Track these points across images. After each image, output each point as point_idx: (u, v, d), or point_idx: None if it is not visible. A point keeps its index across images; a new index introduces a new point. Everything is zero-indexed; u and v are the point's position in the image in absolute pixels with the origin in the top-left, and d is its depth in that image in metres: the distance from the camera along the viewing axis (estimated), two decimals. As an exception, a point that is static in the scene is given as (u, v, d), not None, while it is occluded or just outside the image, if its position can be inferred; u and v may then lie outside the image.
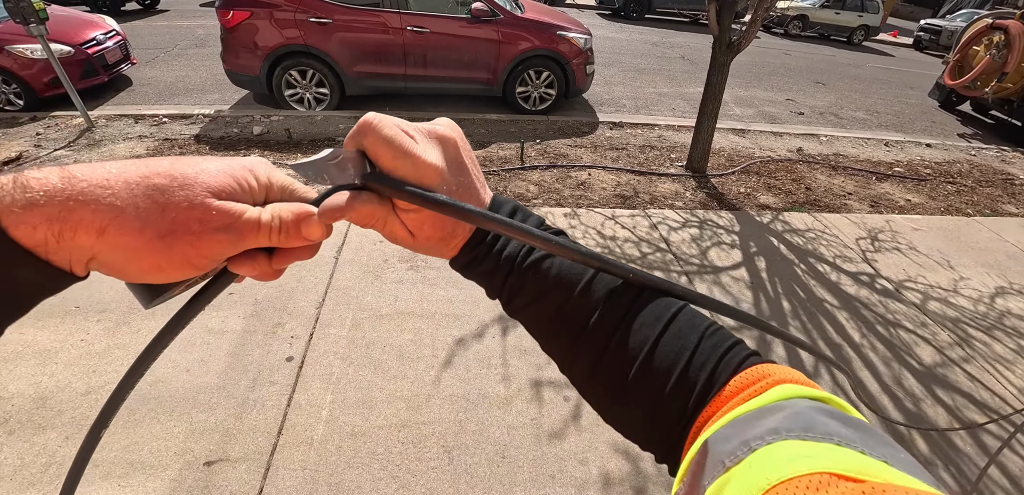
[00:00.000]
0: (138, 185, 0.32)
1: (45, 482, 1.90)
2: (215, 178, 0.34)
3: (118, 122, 5.49)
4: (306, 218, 0.38)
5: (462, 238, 0.46)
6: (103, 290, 2.90)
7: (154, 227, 0.32)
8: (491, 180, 4.49)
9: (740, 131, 6.48)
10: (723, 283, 3.28)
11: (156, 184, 0.32)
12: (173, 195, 0.33)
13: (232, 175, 0.35)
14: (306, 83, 5.87)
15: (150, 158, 0.35)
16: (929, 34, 17.76)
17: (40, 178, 0.30)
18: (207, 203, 0.33)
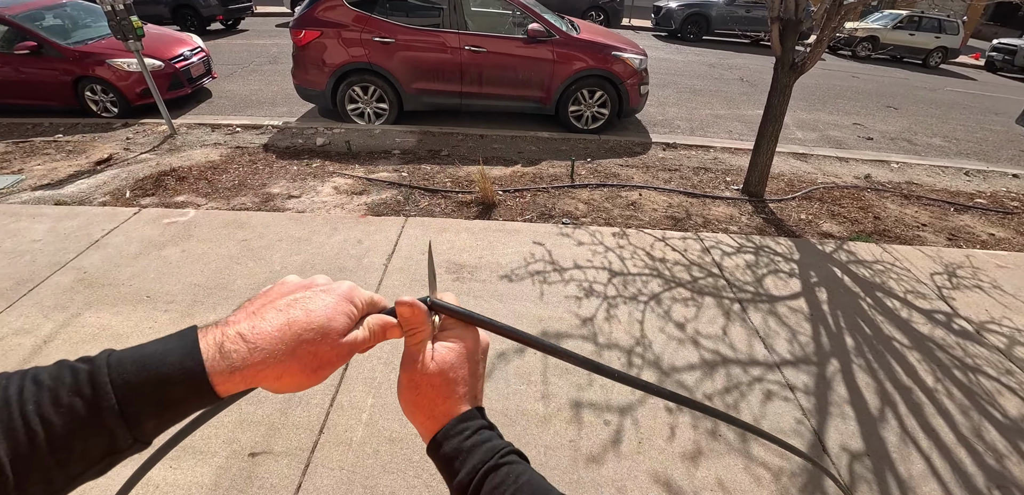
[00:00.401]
0: (293, 338, 0.43)
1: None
2: (340, 325, 0.46)
3: (197, 130, 5.87)
4: (390, 327, 0.52)
5: (453, 411, 0.52)
6: (172, 284, 3.07)
7: (311, 366, 0.45)
8: (541, 197, 4.45)
9: (802, 155, 6.14)
10: (779, 313, 3.07)
11: (307, 339, 0.44)
12: (320, 346, 0.45)
13: (347, 316, 0.48)
14: (367, 98, 6.08)
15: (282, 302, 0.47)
16: (1003, 55, 16.30)
17: (235, 349, 0.41)
18: (341, 346, 0.46)
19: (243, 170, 4.85)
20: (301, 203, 4.19)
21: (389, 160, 5.20)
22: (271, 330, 0.43)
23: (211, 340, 0.42)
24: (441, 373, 0.51)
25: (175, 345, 0.41)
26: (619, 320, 2.90)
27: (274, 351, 0.42)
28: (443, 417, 0.52)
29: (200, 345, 0.41)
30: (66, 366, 0.39)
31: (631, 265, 3.43)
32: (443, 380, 0.51)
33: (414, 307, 0.51)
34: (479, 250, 3.49)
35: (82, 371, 0.38)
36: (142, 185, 4.49)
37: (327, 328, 0.45)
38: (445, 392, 0.52)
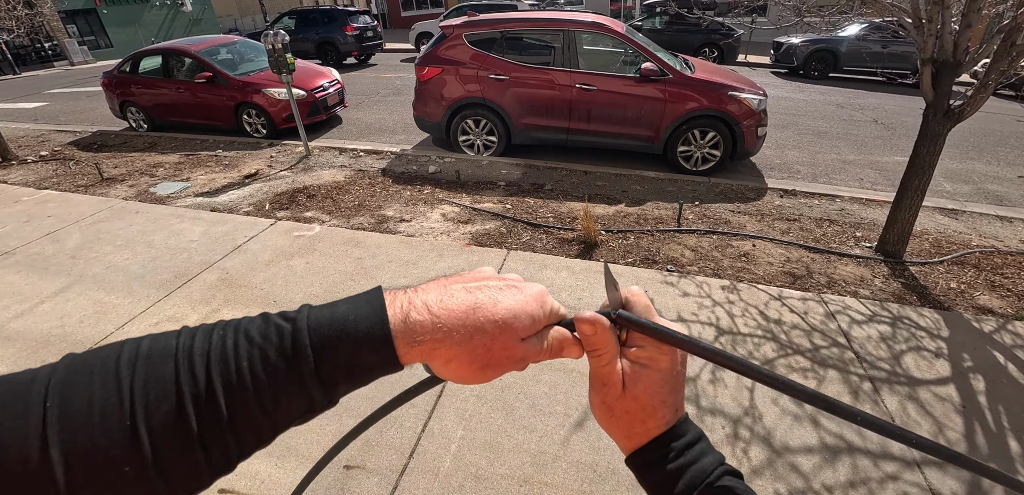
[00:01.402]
0: (474, 324, 0.41)
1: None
2: (523, 326, 0.43)
3: (327, 152, 6.45)
4: (568, 344, 0.47)
5: (653, 432, 0.47)
6: (295, 291, 3.33)
7: (480, 361, 0.42)
8: (645, 240, 4.27)
9: (952, 212, 5.29)
10: (922, 399, 2.61)
11: (486, 330, 0.41)
12: (495, 341, 0.42)
13: (532, 319, 0.44)
14: (478, 131, 6.30)
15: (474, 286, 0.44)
16: None
17: (420, 320, 0.40)
18: (515, 349, 0.43)
19: (363, 192, 5.21)
20: (412, 227, 4.40)
21: (495, 191, 5.31)
22: (456, 308, 0.41)
23: (398, 307, 0.41)
24: (635, 399, 0.46)
25: (364, 310, 0.41)
26: (725, 384, 2.64)
27: (454, 330, 0.41)
28: (641, 437, 0.47)
29: (388, 312, 0.40)
30: (272, 324, 0.40)
31: (741, 323, 3.13)
32: (638, 406, 0.46)
33: (597, 324, 0.46)
34: (579, 290, 3.39)
35: (287, 332, 0.39)
36: (279, 199, 5.00)
37: (508, 325, 0.42)
38: (641, 417, 0.46)
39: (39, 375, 0.35)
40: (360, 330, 0.39)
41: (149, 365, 0.36)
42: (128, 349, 0.37)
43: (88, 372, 0.35)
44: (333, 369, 0.39)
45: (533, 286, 0.47)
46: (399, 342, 0.39)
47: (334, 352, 0.39)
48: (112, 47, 22.26)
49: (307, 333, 0.39)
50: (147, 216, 4.62)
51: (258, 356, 0.38)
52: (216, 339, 0.38)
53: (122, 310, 3.23)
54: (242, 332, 0.39)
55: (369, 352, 0.39)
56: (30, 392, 0.33)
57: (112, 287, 3.48)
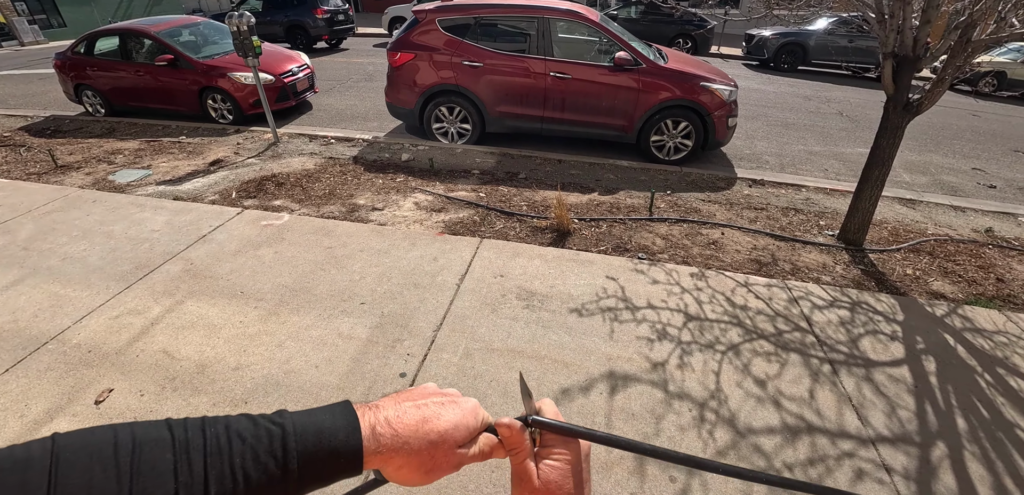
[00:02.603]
0: (422, 436, 0.49)
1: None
2: (461, 436, 0.51)
3: (297, 139, 6.32)
4: (496, 447, 0.54)
5: None
6: (263, 282, 3.28)
7: (426, 467, 0.49)
8: (617, 228, 4.33)
9: (910, 201, 5.52)
10: (877, 381, 2.74)
11: (432, 440, 0.49)
12: (439, 448, 0.49)
13: (468, 430, 0.52)
14: (452, 119, 6.26)
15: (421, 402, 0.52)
16: None
17: (383, 433, 0.47)
18: (457, 455, 0.50)
19: (334, 180, 5.13)
20: (383, 216, 4.36)
21: (468, 179, 5.29)
22: (409, 422, 0.49)
23: (367, 422, 0.48)
24: (548, 490, 0.52)
25: (341, 421, 0.47)
26: (693, 369, 2.72)
27: (407, 441, 0.48)
28: None
29: (361, 425, 0.47)
30: (262, 427, 0.45)
31: (709, 310, 3.22)
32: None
33: (511, 427, 0.53)
34: (551, 279, 3.43)
35: (276, 436, 0.44)
36: (247, 188, 4.88)
37: (449, 436, 0.50)
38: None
39: (33, 455, 0.37)
40: (337, 441, 0.46)
41: (146, 453, 0.39)
42: (123, 436, 0.40)
43: (87, 456, 0.38)
44: (312, 474, 0.45)
45: (468, 401, 0.54)
46: (366, 453, 0.47)
47: (315, 460, 0.45)
48: (65, 27, 21.16)
49: (294, 439, 0.45)
50: (105, 205, 4.46)
51: (250, 456, 0.43)
52: (210, 435, 0.43)
53: (80, 303, 3.12)
54: (234, 431, 0.44)
55: (343, 462, 0.46)
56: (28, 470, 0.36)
57: (69, 279, 3.36)
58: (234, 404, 2.37)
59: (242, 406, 2.36)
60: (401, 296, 3.19)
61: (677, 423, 2.38)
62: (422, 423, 0.49)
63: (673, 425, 2.37)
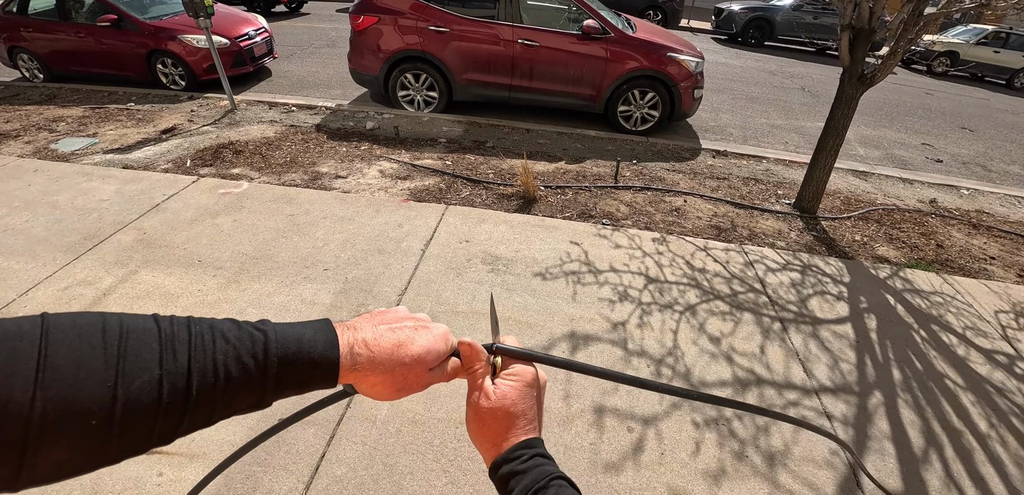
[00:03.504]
0: (394, 355, 0.52)
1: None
2: (432, 359, 0.55)
3: (255, 107, 6.14)
4: (458, 368, 0.59)
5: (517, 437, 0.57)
6: (222, 251, 3.24)
7: (398, 386, 0.53)
8: (582, 196, 4.42)
9: (862, 173, 5.81)
10: (822, 337, 2.94)
11: (406, 362, 0.53)
12: (410, 371, 0.53)
13: (438, 354, 0.56)
14: (418, 86, 6.19)
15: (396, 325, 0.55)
16: None
17: (360, 353, 0.51)
18: (427, 376, 0.55)
19: (295, 148, 5.04)
20: (347, 183, 4.32)
21: (435, 148, 5.28)
22: (386, 346, 0.52)
23: (346, 341, 0.51)
24: (502, 406, 0.56)
25: (321, 336, 0.50)
26: (652, 328, 2.85)
27: (382, 362, 0.52)
28: (505, 445, 0.56)
29: (339, 343, 0.51)
30: (245, 330, 0.47)
31: (669, 272, 3.36)
32: (504, 413, 0.56)
33: (472, 346, 0.58)
34: (516, 244, 3.50)
35: (259, 339, 0.47)
36: (202, 156, 4.75)
37: (422, 359, 0.54)
38: (507, 423, 0.56)
39: (23, 329, 0.38)
40: (316, 354, 0.49)
41: (133, 340, 0.41)
42: (111, 321, 0.42)
43: (76, 335, 0.39)
44: (289, 380, 0.48)
45: (439, 327, 0.58)
46: (342, 369, 0.50)
47: (293, 367, 0.48)
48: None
49: (275, 345, 0.47)
50: (48, 175, 4.26)
51: (232, 355, 0.45)
52: (195, 332, 0.45)
53: (24, 275, 3.01)
54: (218, 331, 0.46)
55: (319, 374, 0.49)
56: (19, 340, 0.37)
57: (10, 252, 3.23)
58: (194, 369, 2.37)
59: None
60: (365, 262, 3.20)
61: (635, 378, 2.51)
62: (397, 347, 0.53)
63: (631, 380, 2.50)
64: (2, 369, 0.35)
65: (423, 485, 1.95)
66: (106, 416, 0.38)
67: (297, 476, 1.94)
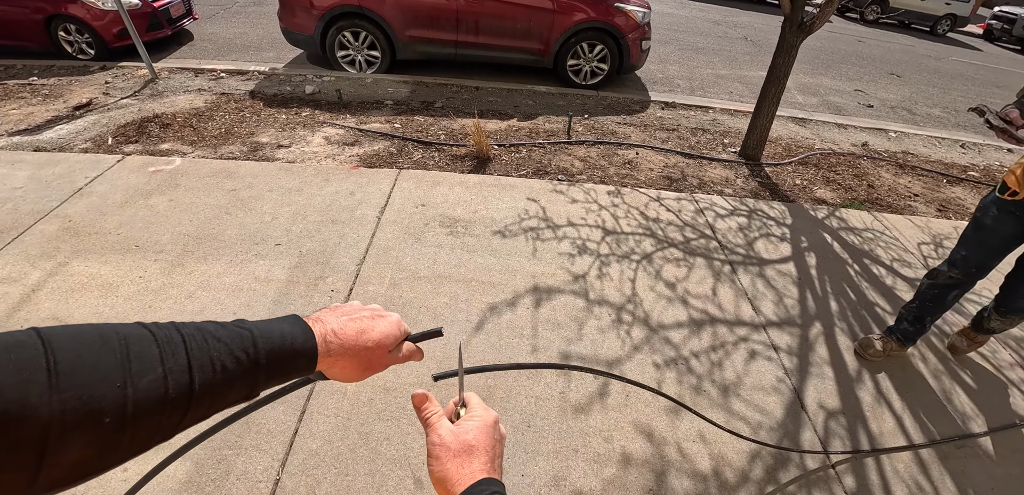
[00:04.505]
0: (359, 341, 0.62)
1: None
2: (389, 343, 0.66)
3: (179, 75, 5.78)
4: (414, 353, 0.71)
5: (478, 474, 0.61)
6: (161, 233, 3.11)
7: (363, 368, 0.64)
8: (536, 152, 4.50)
9: (801, 120, 6.19)
10: (768, 276, 3.19)
11: (369, 347, 0.63)
12: (374, 354, 0.64)
13: (394, 338, 0.67)
14: (358, 45, 5.99)
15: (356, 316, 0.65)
16: (1002, 23, 16.25)
17: (332, 342, 0.60)
18: (387, 357, 0.66)
19: (230, 118, 4.82)
20: (291, 153, 4.20)
21: (382, 110, 5.18)
22: (351, 334, 0.62)
23: (319, 331, 0.59)
24: (462, 442, 0.59)
25: (298, 328, 0.58)
26: (611, 278, 3.00)
27: (349, 349, 0.61)
28: (465, 482, 0.56)
29: (315, 333, 0.59)
30: (232, 329, 0.53)
31: (625, 224, 3.52)
32: (465, 447, 0.59)
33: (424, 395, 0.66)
34: (473, 204, 3.55)
35: (246, 336, 0.53)
36: (124, 132, 4.46)
37: (382, 344, 0.65)
38: (467, 458, 0.58)
39: (20, 338, 0.40)
40: (298, 344, 0.57)
41: (133, 344, 0.45)
42: (106, 330, 0.45)
43: (77, 341, 0.42)
44: (277, 369, 0.55)
45: (392, 314, 0.69)
46: (320, 357, 0.59)
47: (280, 357, 0.55)
48: None
49: (261, 339, 0.54)
50: (-57, 156, 3.90)
51: (225, 350, 0.50)
52: (186, 334, 0.49)
53: (-69, 267, 2.79)
54: (207, 332, 0.51)
55: (303, 361, 0.57)
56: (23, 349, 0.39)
57: (-89, 242, 2.97)
58: (144, 355, 2.31)
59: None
60: (319, 233, 3.17)
61: (598, 327, 2.66)
62: (360, 334, 0.62)
63: (594, 329, 2.64)
64: (14, 375, 0.37)
65: (400, 449, 2.02)
66: (119, 413, 0.41)
67: (271, 455, 1.97)
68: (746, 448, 2.15)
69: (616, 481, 1.99)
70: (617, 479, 2.00)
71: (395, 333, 0.66)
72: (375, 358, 0.64)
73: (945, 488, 2.11)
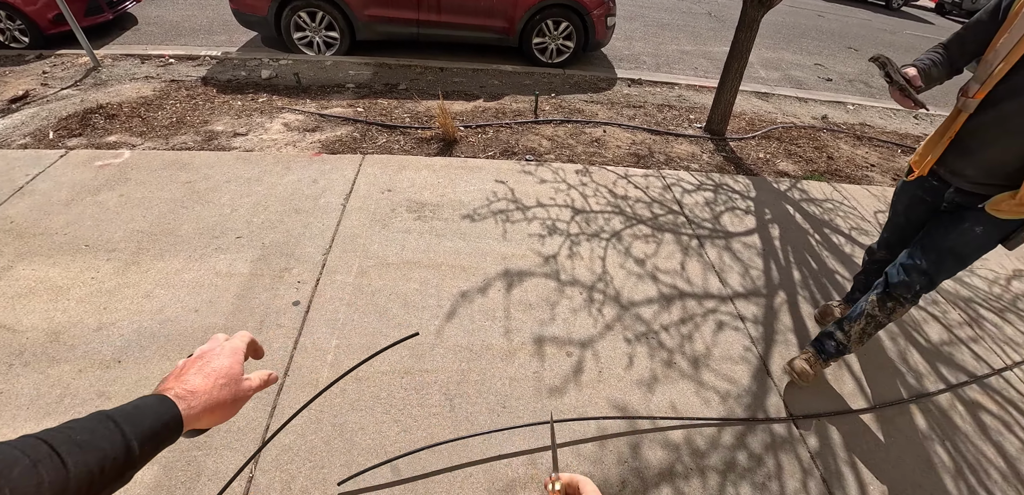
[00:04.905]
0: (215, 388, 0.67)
1: (60, 412, 2.01)
2: (238, 371, 0.71)
3: (124, 62, 5.51)
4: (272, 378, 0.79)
5: None
6: (113, 230, 2.99)
7: (229, 404, 0.69)
8: (503, 133, 4.49)
9: (764, 94, 6.34)
10: (734, 249, 3.28)
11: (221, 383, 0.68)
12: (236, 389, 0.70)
13: (240, 363, 0.73)
14: (316, 26, 5.82)
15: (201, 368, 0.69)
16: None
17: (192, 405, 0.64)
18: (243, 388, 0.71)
19: (181, 106, 4.63)
20: (249, 141, 4.08)
21: (343, 94, 5.07)
22: (203, 386, 0.66)
23: (181, 401, 0.63)
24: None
25: (163, 407, 0.62)
26: (582, 257, 3.04)
27: (209, 399, 0.66)
28: None
29: (177, 404, 0.63)
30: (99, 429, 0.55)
31: (594, 202, 3.56)
32: None
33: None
34: (441, 188, 3.53)
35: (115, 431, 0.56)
36: (67, 124, 4.24)
37: (231, 374, 0.70)
38: None
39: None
40: (165, 419, 0.61)
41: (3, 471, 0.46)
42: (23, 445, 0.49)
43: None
44: (149, 448, 0.58)
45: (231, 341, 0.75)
46: (186, 422, 0.63)
47: (151, 438, 0.59)
48: None
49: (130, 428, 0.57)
50: None
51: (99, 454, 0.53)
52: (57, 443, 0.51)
53: None
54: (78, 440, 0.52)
55: (170, 432, 0.61)
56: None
57: None
58: (104, 366, 2.22)
59: (115, 367, 2.22)
60: (282, 224, 3.10)
61: (570, 307, 2.70)
62: (208, 377, 0.67)
63: (567, 309, 2.68)
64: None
65: (376, 438, 2.02)
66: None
67: (243, 453, 1.94)
68: (716, 415, 2.24)
69: (591, 456, 2.04)
70: (593, 454, 2.05)
71: (238, 360, 0.72)
72: (237, 393, 0.69)
73: (903, 444, 2.24)
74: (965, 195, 1.94)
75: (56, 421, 2.00)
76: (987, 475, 2.17)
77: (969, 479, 2.14)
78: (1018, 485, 2.14)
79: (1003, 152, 1.75)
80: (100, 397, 2.08)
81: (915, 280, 2.01)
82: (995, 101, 1.72)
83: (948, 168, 1.97)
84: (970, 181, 1.90)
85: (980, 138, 1.81)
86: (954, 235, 1.96)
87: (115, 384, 2.13)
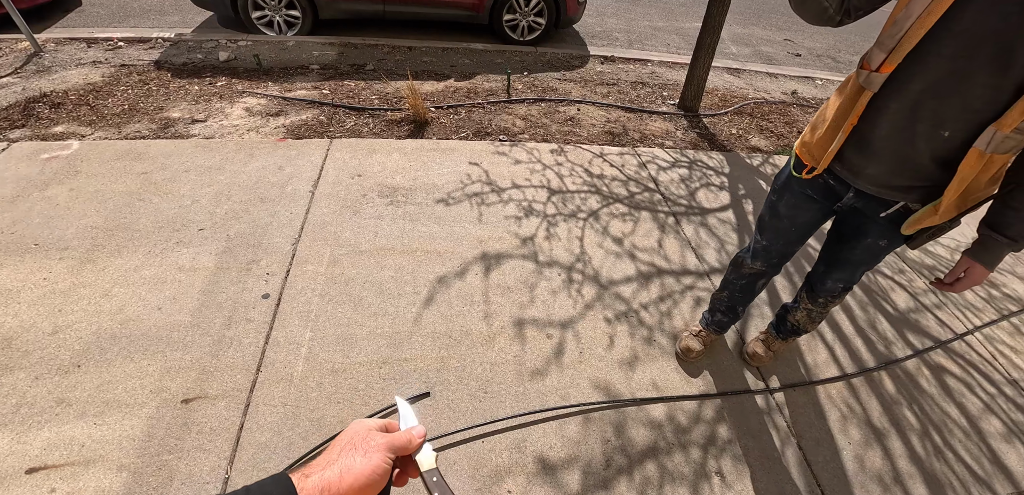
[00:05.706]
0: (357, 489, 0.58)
1: (16, 423, 1.93)
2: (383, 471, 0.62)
3: (68, 46, 5.24)
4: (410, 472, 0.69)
5: None
6: (64, 228, 2.86)
7: None
8: (476, 113, 4.44)
9: (735, 70, 6.43)
10: (710, 225, 3.34)
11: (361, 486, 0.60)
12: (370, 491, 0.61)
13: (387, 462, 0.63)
14: (276, 4, 5.64)
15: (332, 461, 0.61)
16: None
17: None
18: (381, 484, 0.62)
19: (133, 92, 4.43)
20: (208, 128, 3.93)
21: (307, 76, 4.93)
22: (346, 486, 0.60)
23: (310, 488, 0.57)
24: None
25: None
26: (559, 238, 3.05)
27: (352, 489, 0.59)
28: None
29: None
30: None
31: (569, 182, 3.56)
32: None
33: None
34: (413, 171, 3.48)
35: None
36: (8, 115, 4.02)
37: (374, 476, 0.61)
38: None
39: None
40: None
41: None
42: None
43: None
44: None
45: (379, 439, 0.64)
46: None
47: None
48: None
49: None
50: None
51: None
52: None
53: None
54: None
55: None
56: None
57: None
58: (62, 371, 2.13)
59: (74, 372, 2.13)
60: (247, 214, 3.01)
61: (549, 288, 2.71)
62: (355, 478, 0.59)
63: (546, 291, 2.69)
64: None
65: (352, 428, 2.00)
66: None
67: (217, 454, 1.89)
68: (696, 390, 2.29)
69: (575, 437, 2.06)
70: (577, 435, 2.07)
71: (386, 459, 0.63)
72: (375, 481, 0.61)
73: (872, 409, 2.34)
74: (865, 200, 1.56)
75: (12, 431, 1.92)
76: (951, 433, 2.28)
77: (934, 438, 2.25)
78: (980, 442, 2.26)
79: (911, 146, 1.35)
80: (60, 404, 1.99)
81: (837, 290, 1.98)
82: (905, 78, 1.29)
83: (846, 165, 1.53)
84: (872, 182, 1.49)
85: (886, 126, 1.37)
86: (860, 252, 1.74)
87: (76, 389, 2.05)
